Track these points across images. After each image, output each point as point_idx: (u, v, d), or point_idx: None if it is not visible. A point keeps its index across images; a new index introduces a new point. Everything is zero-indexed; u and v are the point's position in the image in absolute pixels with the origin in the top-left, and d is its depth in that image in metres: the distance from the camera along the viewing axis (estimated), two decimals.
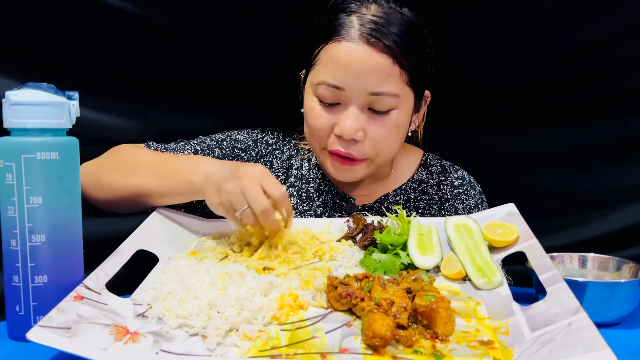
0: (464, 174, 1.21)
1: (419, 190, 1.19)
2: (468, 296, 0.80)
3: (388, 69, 0.99)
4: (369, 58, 0.99)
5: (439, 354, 0.64)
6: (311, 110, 1.06)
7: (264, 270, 0.86)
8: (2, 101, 0.73)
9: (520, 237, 0.89)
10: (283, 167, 1.19)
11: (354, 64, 0.99)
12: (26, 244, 0.72)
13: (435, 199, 1.18)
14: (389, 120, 1.03)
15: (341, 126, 1.02)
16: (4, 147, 0.72)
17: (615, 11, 1.16)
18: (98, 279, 0.77)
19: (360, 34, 0.99)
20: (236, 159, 1.15)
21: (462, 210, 1.16)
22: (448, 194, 1.18)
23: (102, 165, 1.07)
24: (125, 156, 1.07)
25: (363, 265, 0.88)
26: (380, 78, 0.99)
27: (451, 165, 1.22)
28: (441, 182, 1.19)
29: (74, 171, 0.76)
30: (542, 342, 0.63)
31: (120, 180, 1.01)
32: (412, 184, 1.19)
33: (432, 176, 1.20)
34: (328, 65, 1.02)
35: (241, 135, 1.19)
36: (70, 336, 0.65)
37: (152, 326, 0.72)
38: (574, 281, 0.85)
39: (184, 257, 0.91)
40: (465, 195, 1.17)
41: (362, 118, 1.02)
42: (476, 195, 1.18)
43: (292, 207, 0.97)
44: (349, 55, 0.99)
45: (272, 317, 0.72)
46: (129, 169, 1.03)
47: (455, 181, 1.19)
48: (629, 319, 0.88)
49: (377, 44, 0.98)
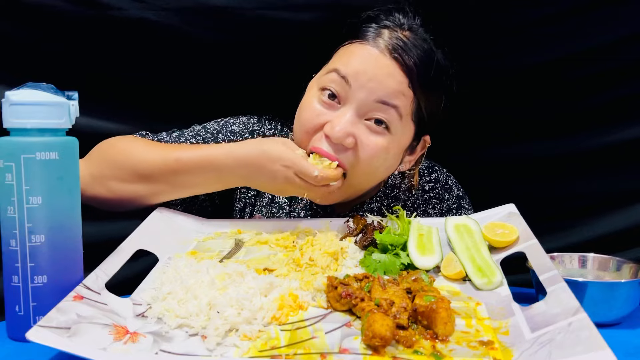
0: (440, 176, 1.16)
1: (391, 196, 1.15)
2: (468, 296, 0.80)
3: (402, 87, 0.97)
4: (387, 69, 0.97)
5: (439, 354, 0.64)
6: (307, 104, 1.02)
7: (264, 270, 0.86)
8: (1, 101, 0.73)
9: (521, 237, 0.89)
10: None
11: (371, 67, 0.97)
12: (26, 244, 0.72)
13: (408, 204, 1.14)
14: (381, 140, 0.98)
15: (332, 125, 0.97)
16: (4, 147, 0.72)
17: (614, 18, 1.15)
18: (98, 279, 0.77)
19: (386, 45, 0.98)
20: None
21: (434, 215, 1.12)
22: (419, 199, 1.14)
23: (102, 164, 1.01)
24: (127, 156, 1.01)
25: (363, 266, 0.88)
26: (393, 90, 0.96)
27: (428, 167, 1.18)
28: (412, 186, 1.14)
29: (74, 171, 0.76)
30: (542, 342, 0.63)
31: (130, 188, 1.00)
32: (386, 189, 1.15)
33: (404, 181, 1.15)
34: (344, 57, 1.00)
35: (237, 126, 1.15)
36: (70, 336, 0.65)
37: (151, 326, 0.72)
38: (574, 281, 0.85)
39: (183, 257, 0.91)
40: (436, 200, 1.13)
41: (356, 125, 0.98)
42: (450, 199, 1.13)
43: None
44: (369, 57, 0.97)
45: (272, 317, 0.72)
46: (138, 174, 1.00)
47: (426, 185, 1.15)
48: (629, 319, 0.88)
49: (399, 60, 0.97)
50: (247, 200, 1.16)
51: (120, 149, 1.02)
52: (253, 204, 1.16)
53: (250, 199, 1.16)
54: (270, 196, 1.16)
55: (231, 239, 0.99)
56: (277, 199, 1.15)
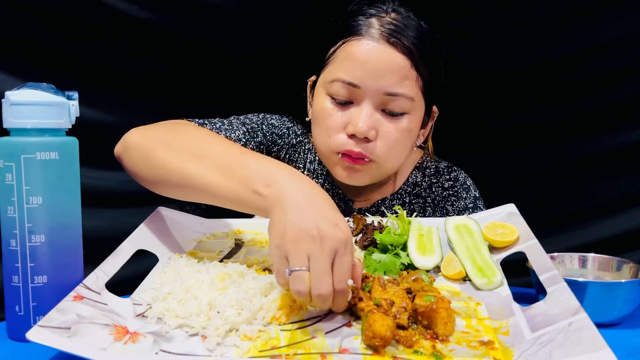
0: (459, 175, 1.19)
1: (413, 193, 1.18)
2: (468, 296, 0.80)
3: (405, 70, 1.00)
4: (388, 57, 0.99)
5: (439, 354, 0.64)
6: (323, 110, 1.04)
7: (264, 270, 0.86)
8: (1, 101, 0.73)
9: (521, 237, 0.89)
10: (303, 159, 1.18)
11: (372, 62, 0.99)
12: (26, 244, 0.72)
13: (428, 201, 1.17)
14: (401, 124, 1.03)
15: (354, 124, 1.00)
16: (4, 147, 0.72)
17: (617, 18, 1.15)
18: (98, 279, 0.77)
19: (380, 33, 1.00)
20: (273, 145, 1.14)
21: (452, 212, 1.14)
22: (438, 196, 1.17)
23: (157, 137, 0.90)
24: (188, 135, 0.92)
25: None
26: (398, 79, 1.00)
27: (448, 166, 1.21)
28: (432, 184, 1.18)
29: (74, 171, 0.76)
30: (542, 343, 0.63)
31: (177, 164, 0.84)
32: (407, 187, 1.18)
33: (425, 179, 1.19)
34: (344, 63, 1.02)
35: (275, 120, 1.16)
36: (70, 336, 0.65)
37: (151, 326, 0.72)
38: (574, 281, 0.85)
39: (184, 257, 0.91)
40: (455, 197, 1.16)
41: (375, 117, 1.01)
42: (468, 198, 1.16)
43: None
44: (368, 53, 1.00)
45: (272, 318, 0.72)
46: (190, 151, 0.85)
47: (446, 183, 1.17)
48: (629, 319, 0.88)
49: (398, 44, 0.99)
50: None
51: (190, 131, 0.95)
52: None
53: None
54: None
55: (231, 239, 1.00)
56: None
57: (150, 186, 0.90)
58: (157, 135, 0.90)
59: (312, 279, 0.68)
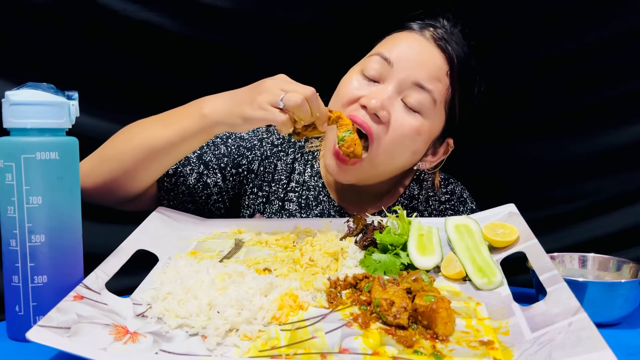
0: (456, 188, 1.20)
1: (410, 207, 1.17)
2: (468, 296, 0.80)
3: (441, 73, 1.03)
4: (430, 53, 1.04)
5: (439, 354, 0.64)
6: (346, 80, 1.07)
7: (264, 270, 0.86)
8: (1, 101, 0.73)
9: (521, 237, 0.89)
10: (287, 170, 1.16)
11: (414, 52, 1.03)
12: (26, 244, 0.72)
13: (425, 215, 1.17)
14: (414, 121, 1.03)
15: (370, 97, 1.01)
16: (4, 147, 0.72)
17: (616, 15, 1.15)
18: (98, 279, 0.77)
19: (431, 34, 1.06)
20: (241, 157, 1.13)
21: None
22: (435, 210, 1.18)
23: (100, 149, 1.01)
24: (123, 130, 1.02)
25: (363, 266, 0.88)
26: (431, 76, 1.02)
27: (445, 179, 1.21)
28: (429, 197, 1.18)
29: (74, 171, 0.76)
30: (542, 343, 0.63)
31: (127, 145, 0.96)
32: (404, 200, 1.18)
33: (422, 192, 1.19)
34: (389, 43, 1.07)
35: (246, 134, 1.16)
36: (70, 336, 0.65)
37: (151, 326, 0.72)
38: (574, 281, 0.85)
39: (184, 257, 0.91)
40: (452, 211, 1.17)
41: (393, 101, 1.02)
42: (465, 212, 1.17)
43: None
44: (414, 42, 1.05)
45: (272, 317, 0.72)
46: (131, 133, 0.98)
47: (443, 197, 1.18)
48: (629, 319, 0.88)
49: (443, 48, 1.04)
50: (255, 207, 1.16)
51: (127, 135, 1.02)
52: (262, 211, 1.15)
53: (259, 206, 1.15)
54: (280, 203, 1.15)
55: (231, 239, 0.99)
56: (287, 206, 1.15)
57: (122, 181, 0.98)
58: (99, 149, 1.00)
59: (290, 91, 0.86)
